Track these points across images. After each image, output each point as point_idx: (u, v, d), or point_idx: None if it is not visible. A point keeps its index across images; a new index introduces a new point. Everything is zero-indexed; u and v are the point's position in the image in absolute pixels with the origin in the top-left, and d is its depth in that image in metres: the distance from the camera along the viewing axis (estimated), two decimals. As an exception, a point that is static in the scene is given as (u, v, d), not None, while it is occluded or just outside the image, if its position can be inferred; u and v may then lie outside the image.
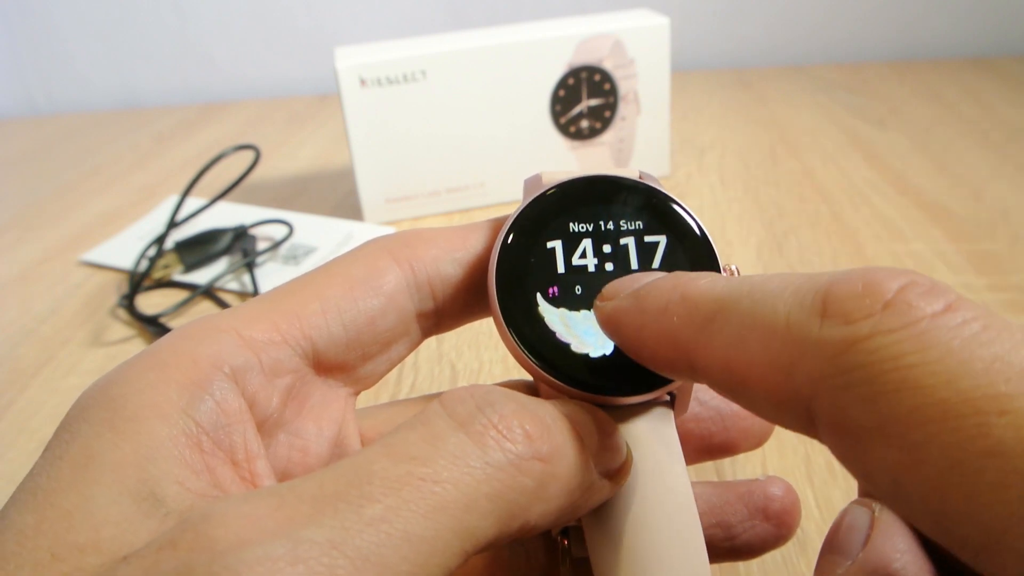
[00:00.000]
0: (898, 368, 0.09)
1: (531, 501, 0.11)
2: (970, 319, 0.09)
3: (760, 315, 0.10)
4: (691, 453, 0.17)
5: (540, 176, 0.15)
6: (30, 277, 0.40)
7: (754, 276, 0.11)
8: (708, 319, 0.11)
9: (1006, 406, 0.08)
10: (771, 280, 0.11)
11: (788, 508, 0.17)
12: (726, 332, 0.11)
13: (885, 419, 0.09)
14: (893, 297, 0.09)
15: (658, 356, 0.12)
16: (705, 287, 0.11)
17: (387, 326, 0.14)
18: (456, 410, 0.12)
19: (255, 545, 0.09)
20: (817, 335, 0.09)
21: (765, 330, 0.10)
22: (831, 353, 0.09)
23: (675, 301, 0.11)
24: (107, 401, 0.12)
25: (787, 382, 0.10)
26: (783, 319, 0.10)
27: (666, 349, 0.12)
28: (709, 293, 0.11)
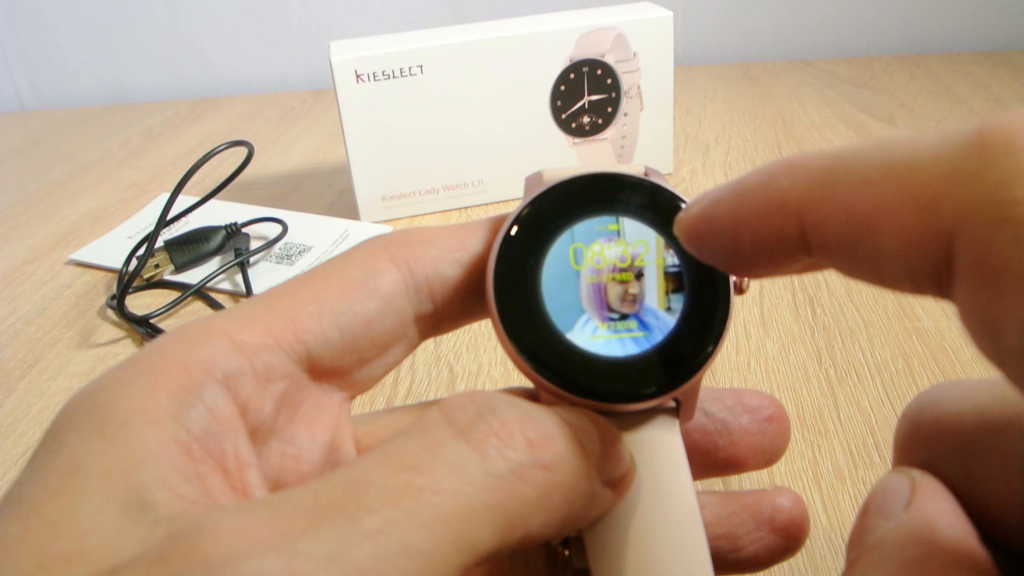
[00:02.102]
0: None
1: (533, 511, 0.11)
2: None
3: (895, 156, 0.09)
4: (697, 467, 0.16)
5: (541, 174, 0.15)
6: (17, 277, 0.39)
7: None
8: (826, 171, 0.10)
9: None
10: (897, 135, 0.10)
11: (796, 519, 0.16)
12: (850, 179, 0.10)
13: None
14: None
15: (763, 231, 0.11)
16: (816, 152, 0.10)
17: (384, 329, 0.14)
18: (456, 417, 0.11)
19: (249, 559, 0.09)
20: (974, 166, 0.08)
21: (903, 167, 0.09)
22: (991, 184, 0.08)
23: (781, 169, 0.10)
24: (95, 407, 0.11)
25: (928, 217, 0.09)
26: (929, 154, 0.09)
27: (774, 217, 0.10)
28: (823, 154, 0.10)
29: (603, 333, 0.14)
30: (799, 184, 0.10)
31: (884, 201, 0.09)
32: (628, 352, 0.14)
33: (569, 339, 0.14)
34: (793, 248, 0.10)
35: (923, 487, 0.11)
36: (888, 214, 0.09)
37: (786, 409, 0.17)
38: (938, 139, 0.09)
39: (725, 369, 0.28)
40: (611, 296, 0.14)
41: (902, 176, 0.09)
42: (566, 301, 0.14)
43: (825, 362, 0.28)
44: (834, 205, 0.10)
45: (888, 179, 0.09)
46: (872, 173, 0.09)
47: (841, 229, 0.10)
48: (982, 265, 0.08)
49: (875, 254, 0.10)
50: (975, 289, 0.09)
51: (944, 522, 0.11)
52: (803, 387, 0.27)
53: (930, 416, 0.13)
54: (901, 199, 0.09)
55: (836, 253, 0.10)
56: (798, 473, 0.24)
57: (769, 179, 0.10)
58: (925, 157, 0.09)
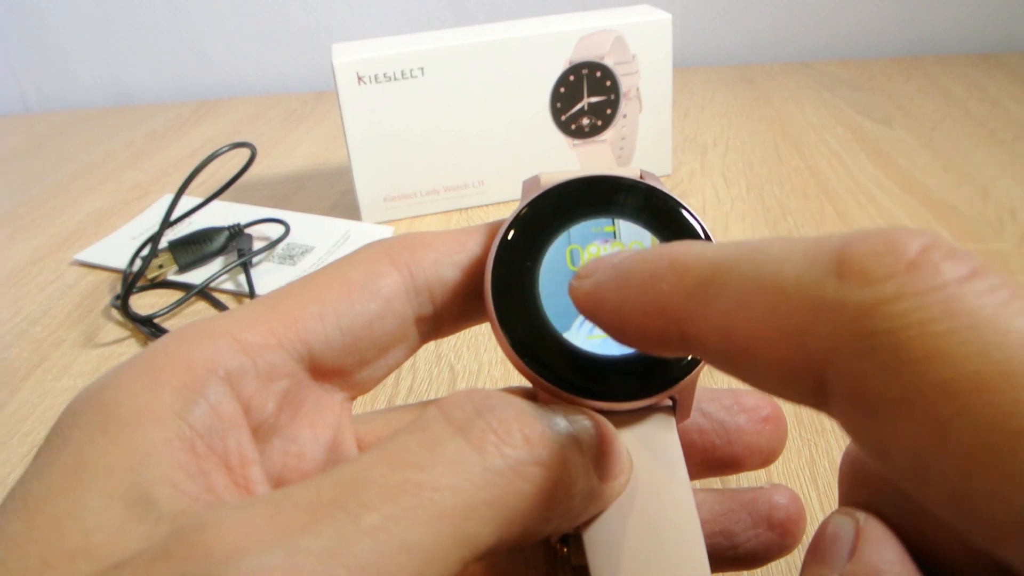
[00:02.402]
0: (925, 335, 0.08)
1: (531, 507, 0.11)
2: (997, 285, 0.08)
3: (765, 277, 0.09)
4: (694, 467, 0.16)
5: (539, 177, 0.15)
6: (22, 277, 0.40)
7: (751, 240, 0.10)
8: (703, 283, 0.10)
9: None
10: (773, 243, 0.10)
11: (793, 516, 0.16)
12: (724, 296, 0.10)
13: (909, 390, 0.08)
14: (916, 256, 0.08)
15: (645, 330, 0.11)
16: (697, 252, 0.10)
17: (385, 330, 0.14)
18: (454, 415, 0.11)
19: (250, 555, 0.09)
20: (833, 296, 0.09)
21: (771, 292, 0.09)
22: (850, 316, 0.08)
23: (663, 268, 0.11)
24: (99, 406, 0.12)
25: (797, 350, 0.09)
26: (792, 280, 0.09)
27: (654, 321, 0.11)
28: (702, 257, 0.10)
29: (599, 333, 0.14)
30: (679, 293, 0.10)
31: (756, 327, 0.09)
32: (624, 351, 0.14)
33: (566, 339, 0.14)
34: (676, 348, 0.11)
35: (867, 532, 0.11)
36: (760, 342, 0.09)
37: (783, 408, 0.17)
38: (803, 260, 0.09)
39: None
40: None
41: (770, 303, 0.09)
42: (563, 302, 0.14)
43: (822, 361, 0.28)
44: (711, 322, 0.10)
45: (758, 303, 0.09)
46: (745, 293, 0.09)
47: (719, 345, 0.10)
48: (854, 395, 0.09)
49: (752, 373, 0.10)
50: (854, 416, 0.09)
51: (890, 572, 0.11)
52: (800, 386, 0.27)
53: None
54: (770, 329, 0.09)
55: (716, 363, 0.10)
56: (795, 472, 0.24)
57: (651, 277, 0.11)
58: (790, 282, 0.09)
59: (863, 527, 0.12)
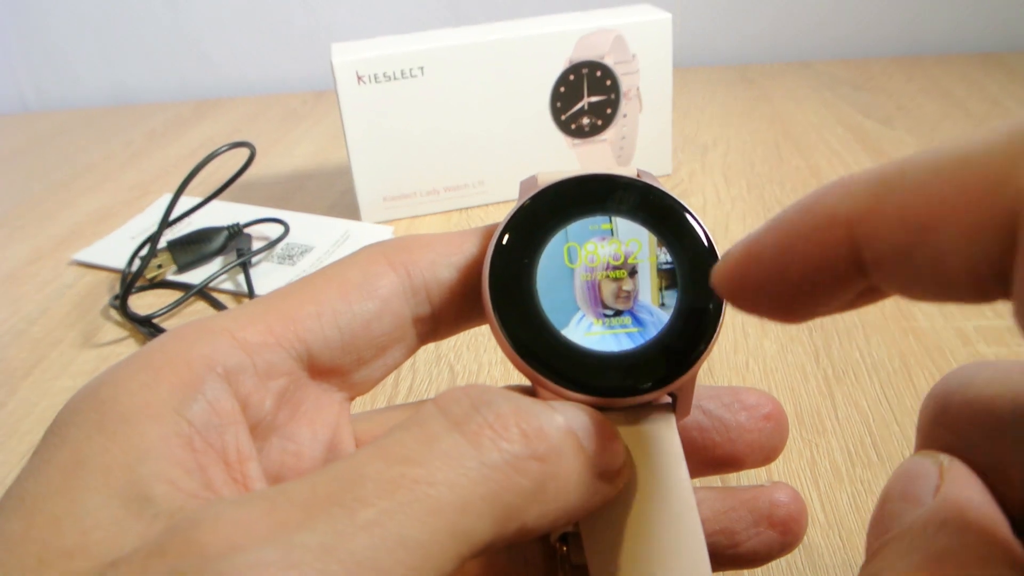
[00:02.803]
0: None
1: (528, 502, 0.11)
2: None
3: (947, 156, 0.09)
4: (695, 465, 0.16)
5: (536, 177, 0.15)
6: (20, 277, 0.39)
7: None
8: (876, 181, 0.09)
9: None
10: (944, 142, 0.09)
11: (794, 515, 0.16)
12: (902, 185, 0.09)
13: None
14: None
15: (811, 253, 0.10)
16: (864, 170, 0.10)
17: (382, 330, 0.14)
18: (451, 410, 0.11)
19: (246, 550, 0.09)
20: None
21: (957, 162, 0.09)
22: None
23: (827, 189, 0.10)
24: (97, 403, 0.12)
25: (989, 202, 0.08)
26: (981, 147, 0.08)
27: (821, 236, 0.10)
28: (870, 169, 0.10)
29: (598, 329, 0.14)
30: (848, 199, 0.10)
31: (940, 197, 0.09)
32: (623, 347, 0.14)
33: (565, 335, 0.14)
34: (846, 269, 0.10)
35: (952, 472, 0.11)
36: (945, 209, 0.09)
37: (784, 406, 0.17)
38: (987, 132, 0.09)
39: (723, 368, 0.29)
40: (605, 293, 0.14)
41: (956, 171, 0.09)
42: (561, 299, 0.14)
43: (823, 362, 0.28)
44: (887, 212, 0.09)
45: (942, 176, 0.09)
46: (924, 174, 0.09)
47: (896, 236, 0.09)
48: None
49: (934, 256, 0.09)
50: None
51: (976, 511, 0.10)
52: (801, 386, 0.27)
53: (960, 398, 0.12)
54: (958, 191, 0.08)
55: (892, 265, 0.09)
56: (796, 472, 0.24)
57: (815, 200, 0.10)
58: (978, 149, 0.09)
59: (947, 467, 0.11)
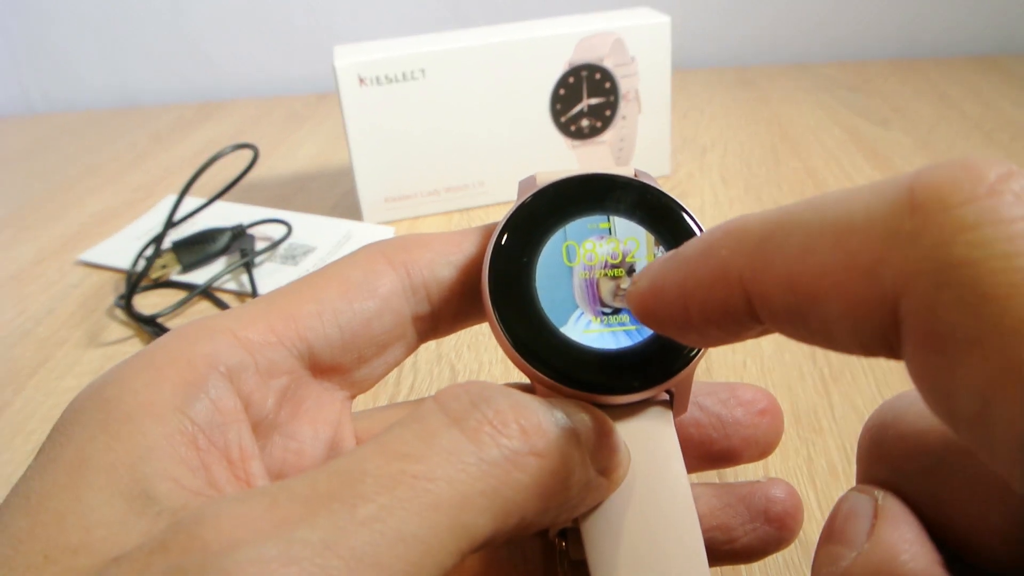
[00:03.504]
0: (1009, 269, 0.07)
1: (527, 498, 0.11)
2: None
3: (830, 220, 0.09)
4: (692, 460, 0.16)
5: (535, 177, 0.15)
6: (26, 277, 0.40)
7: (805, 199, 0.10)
8: (763, 239, 0.10)
9: None
10: (830, 194, 0.09)
11: (790, 511, 0.16)
12: (788, 246, 0.09)
13: (987, 328, 0.07)
14: (995, 183, 0.08)
15: (710, 304, 0.10)
16: (752, 216, 0.10)
17: (383, 328, 0.14)
18: (450, 406, 0.11)
19: (248, 546, 0.09)
20: (909, 227, 0.08)
21: (839, 232, 0.09)
22: (928, 245, 0.08)
23: (719, 238, 0.10)
24: (101, 402, 0.12)
25: (870, 284, 0.08)
26: (862, 216, 0.09)
27: (718, 290, 0.10)
28: (759, 217, 0.10)
29: (596, 327, 0.14)
30: (739, 253, 0.10)
31: (824, 269, 0.09)
32: (621, 345, 0.14)
33: (563, 333, 0.14)
34: (742, 317, 0.10)
35: (886, 511, 0.11)
36: (829, 282, 0.09)
37: (779, 402, 0.17)
38: (870, 197, 0.09)
39: (721, 367, 0.29)
40: (603, 291, 0.14)
41: (838, 241, 0.09)
42: (559, 297, 0.14)
43: (820, 361, 0.29)
44: (775, 274, 0.09)
45: (825, 245, 0.09)
46: (809, 238, 0.09)
47: (786, 299, 0.09)
48: (928, 331, 0.08)
49: (822, 322, 0.09)
50: (924, 355, 0.08)
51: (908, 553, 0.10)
52: (798, 385, 0.27)
53: (893, 433, 0.12)
54: (840, 266, 0.09)
55: (784, 321, 0.10)
56: (793, 470, 0.24)
57: (709, 248, 0.10)
58: (859, 218, 0.09)
59: (882, 505, 0.11)
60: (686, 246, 0.11)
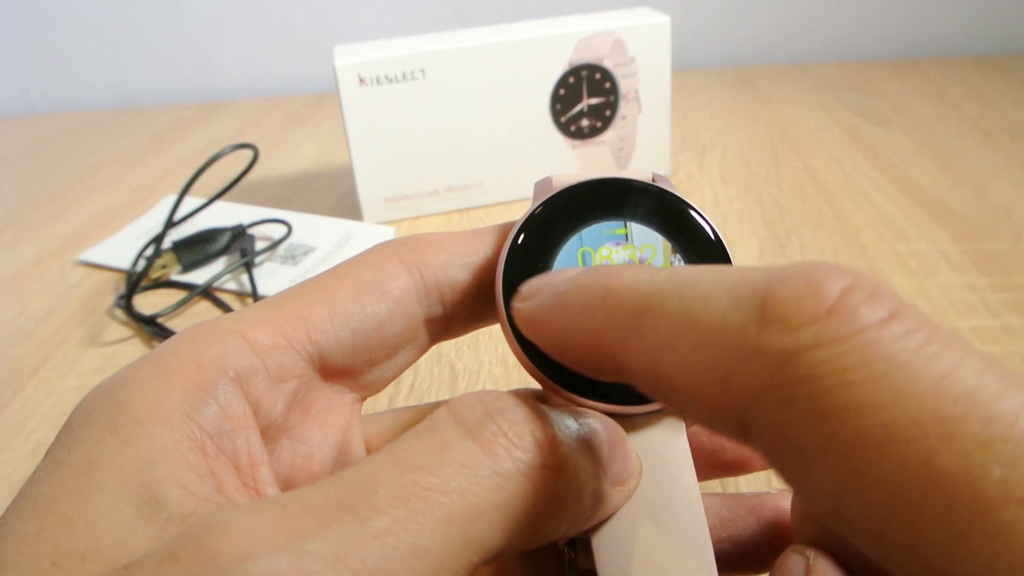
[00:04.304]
0: (842, 384, 0.08)
1: (540, 511, 0.11)
2: (914, 329, 0.08)
3: (692, 316, 0.09)
4: (703, 468, 0.16)
5: (551, 179, 0.15)
6: (26, 277, 0.40)
7: (685, 269, 0.10)
8: (633, 317, 0.10)
9: (953, 430, 0.08)
10: (704, 275, 0.10)
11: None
12: (653, 333, 0.10)
13: (827, 440, 0.08)
14: (836, 302, 0.09)
15: (582, 357, 0.11)
16: (629, 281, 0.10)
17: (395, 331, 0.14)
18: (464, 417, 0.11)
19: (258, 558, 0.09)
20: (756, 343, 0.09)
21: (697, 334, 0.09)
22: (771, 364, 0.09)
23: (597, 298, 0.11)
24: (110, 405, 0.12)
25: (722, 393, 0.09)
26: (718, 322, 0.09)
27: (590, 349, 0.11)
28: (633, 288, 0.10)
29: None
30: (610, 325, 0.10)
31: (683, 367, 0.09)
32: None
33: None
34: (610, 376, 0.11)
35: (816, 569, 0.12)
36: (688, 381, 0.09)
37: None
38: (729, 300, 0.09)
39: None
40: None
41: (695, 344, 0.09)
42: None
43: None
44: (642, 358, 0.10)
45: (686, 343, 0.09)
46: (673, 332, 0.10)
47: (650, 381, 0.10)
48: (779, 443, 0.09)
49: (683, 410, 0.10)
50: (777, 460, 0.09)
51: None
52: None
53: None
54: (696, 371, 0.09)
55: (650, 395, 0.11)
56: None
57: (587, 307, 0.11)
58: (715, 324, 0.09)
59: (812, 564, 0.12)
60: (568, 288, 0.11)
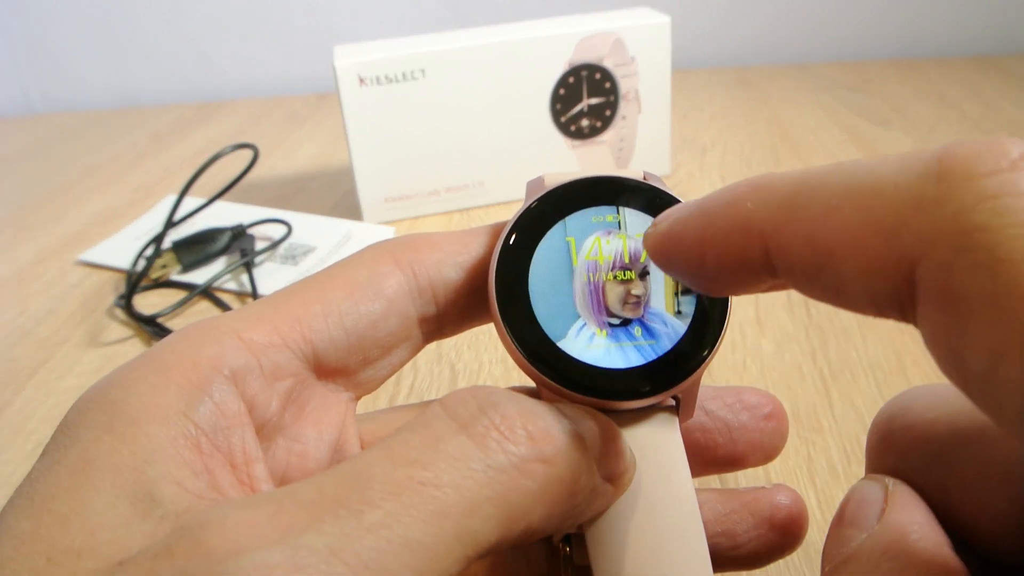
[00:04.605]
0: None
1: (534, 504, 0.11)
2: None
3: (858, 182, 0.09)
4: (697, 465, 0.16)
5: (543, 178, 0.15)
6: (26, 277, 0.40)
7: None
8: (790, 195, 0.10)
9: None
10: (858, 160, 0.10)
11: (795, 517, 0.16)
12: (813, 204, 0.10)
13: (1000, 290, 0.08)
14: (1018, 159, 0.08)
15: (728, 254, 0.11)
16: (779, 174, 0.10)
17: (389, 330, 0.14)
18: (457, 412, 0.11)
19: (253, 552, 0.09)
20: (934, 192, 0.08)
21: (865, 194, 0.09)
22: (952, 211, 0.08)
23: (745, 191, 0.10)
24: (106, 404, 0.12)
25: (890, 245, 0.09)
26: (889, 180, 0.09)
27: (737, 239, 0.10)
28: (787, 176, 0.10)
29: (601, 341, 0.14)
30: (764, 207, 0.10)
31: (846, 228, 0.09)
32: (631, 364, 0.13)
33: (568, 339, 0.13)
34: (757, 269, 0.10)
35: (896, 496, 0.11)
36: (850, 241, 0.09)
37: (782, 405, 0.17)
38: (898, 165, 0.09)
39: (722, 368, 0.29)
40: (610, 298, 0.14)
41: (863, 203, 0.09)
42: (560, 304, 0.14)
43: (819, 361, 0.29)
44: (797, 230, 0.10)
45: (850, 205, 0.09)
46: (835, 198, 0.09)
47: (804, 254, 0.10)
48: (944, 292, 0.08)
49: (838, 279, 0.10)
50: (938, 315, 0.09)
51: (917, 533, 0.11)
52: (798, 385, 0.27)
53: (901, 424, 0.13)
54: (862, 226, 0.09)
55: (800, 276, 0.10)
56: (793, 470, 0.24)
57: (734, 200, 0.10)
58: (886, 183, 0.09)
59: (892, 491, 0.12)
60: (709, 197, 0.11)
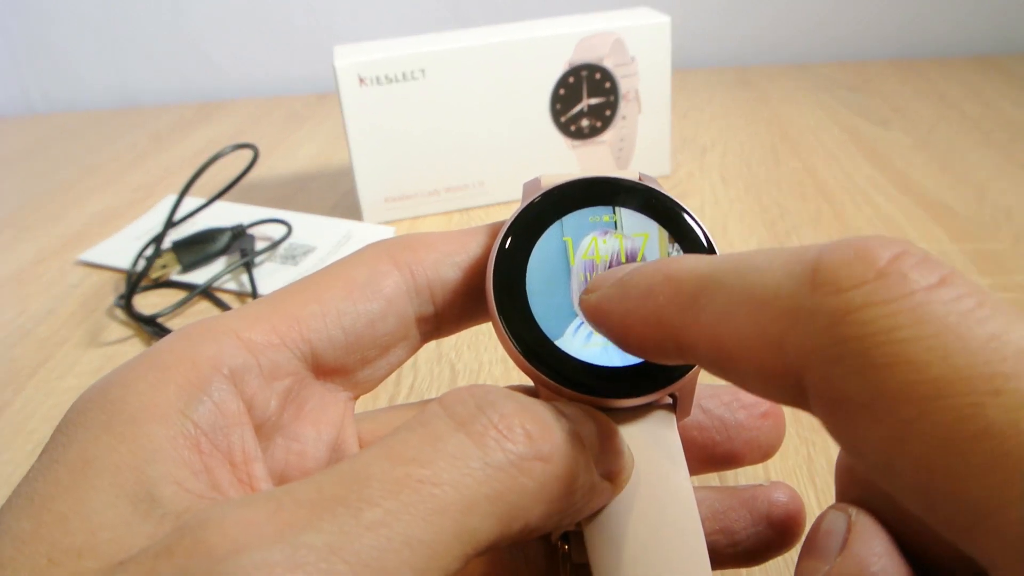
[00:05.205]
0: (891, 342, 0.08)
1: (532, 502, 0.11)
2: (964, 294, 0.09)
3: (748, 288, 0.10)
4: (695, 463, 0.16)
5: (539, 179, 0.15)
6: (26, 277, 0.40)
7: (739, 252, 0.11)
8: (694, 296, 0.11)
9: (1001, 386, 0.08)
10: (757, 255, 0.10)
11: (792, 514, 0.16)
12: (712, 308, 0.10)
13: (876, 394, 0.08)
14: (885, 266, 0.09)
15: (646, 340, 0.12)
16: (689, 266, 0.11)
17: (386, 330, 0.14)
18: (456, 410, 0.11)
19: (252, 551, 0.09)
20: (808, 305, 0.09)
21: (753, 303, 0.10)
22: (823, 324, 0.09)
23: (659, 282, 0.11)
24: (105, 403, 0.12)
25: (777, 355, 0.10)
26: (772, 290, 0.10)
27: (653, 331, 0.11)
28: (694, 271, 0.11)
29: (598, 340, 0.14)
30: (673, 305, 0.11)
31: (740, 336, 0.10)
32: (628, 362, 0.14)
33: (566, 338, 0.14)
34: (673, 356, 0.11)
35: (858, 527, 0.12)
36: (745, 349, 0.10)
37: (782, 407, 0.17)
38: (784, 269, 0.10)
39: (720, 367, 0.29)
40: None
41: (752, 311, 0.10)
42: (557, 303, 0.14)
43: (818, 360, 0.29)
44: (702, 332, 0.11)
45: (743, 311, 0.10)
46: (731, 304, 0.10)
47: (709, 353, 0.11)
48: (828, 397, 0.09)
49: (740, 377, 0.10)
50: (828, 416, 0.09)
51: (877, 564, 0.11)
52: (796, 385, 0.28)
53: None
54: (752, 337, 0.10)
55: (709, 368, 0.11)
56: (793, 469, 0.24)
57: (649, 292, 0.11)
58: (771, 289, 0.10)
59: (854, 522, 0.12)
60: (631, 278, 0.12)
